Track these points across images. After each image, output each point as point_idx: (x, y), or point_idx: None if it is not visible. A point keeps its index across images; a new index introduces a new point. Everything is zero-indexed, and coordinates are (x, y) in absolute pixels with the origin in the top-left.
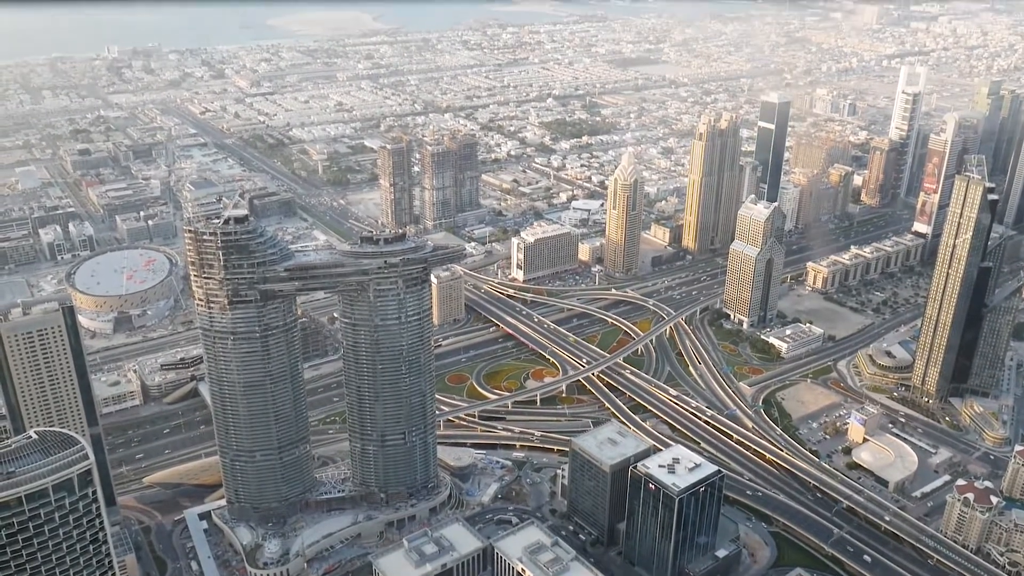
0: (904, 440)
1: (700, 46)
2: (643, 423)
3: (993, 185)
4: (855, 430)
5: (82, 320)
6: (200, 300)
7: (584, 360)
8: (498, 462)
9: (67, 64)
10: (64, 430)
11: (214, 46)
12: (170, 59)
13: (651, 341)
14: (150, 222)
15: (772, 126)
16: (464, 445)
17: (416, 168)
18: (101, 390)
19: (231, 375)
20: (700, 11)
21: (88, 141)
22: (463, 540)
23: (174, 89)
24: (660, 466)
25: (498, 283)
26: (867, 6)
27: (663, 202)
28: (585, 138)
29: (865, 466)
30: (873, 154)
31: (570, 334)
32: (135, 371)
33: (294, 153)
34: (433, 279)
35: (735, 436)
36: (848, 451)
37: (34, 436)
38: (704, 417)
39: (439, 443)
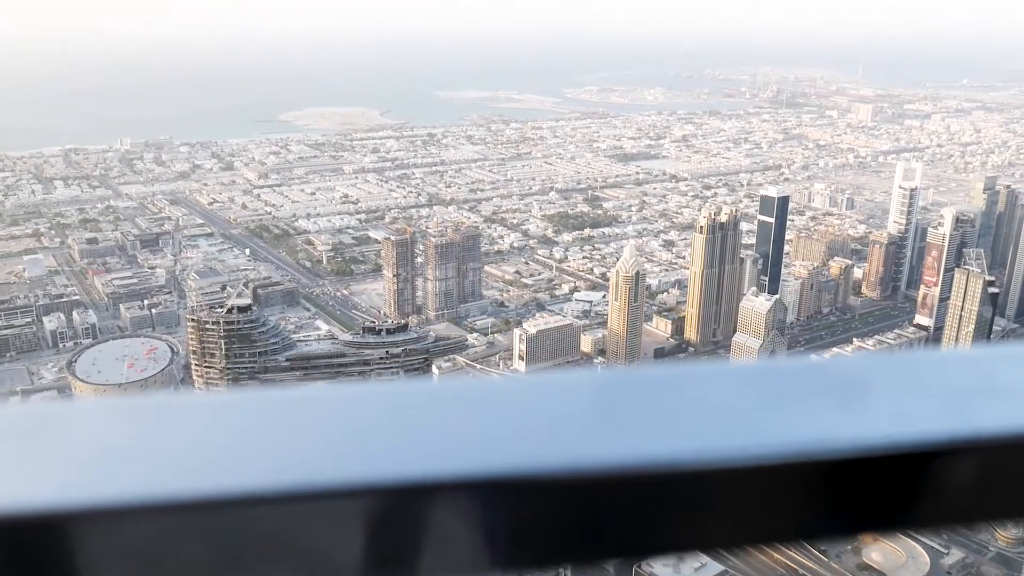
0: (915, 540)
1: (700, 142)
2: None
3: (993, 278)
4: None
5: None
6: (200, 389)
7: None
8: None
9: (80, 155)
10: None
11: (224, 139)
12: (181, 151)
13: None
14: (153, 311)
15: (772, 220)
16: None
17: (419, 259)
18: None
19: None
20: (699, 108)
21: (96, 230)
22: None
23: (183, 180)
24: (664, 565)
25: (501, 374)
26: (861, 105)
27: (665, 294)
28: (587, 231)
29: (875, 567)
30: (872, 247)
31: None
32: None
33: (299, 244)
34: (435, 369)
35: None
36: (858, 551)
37: None
38: None
39: None
